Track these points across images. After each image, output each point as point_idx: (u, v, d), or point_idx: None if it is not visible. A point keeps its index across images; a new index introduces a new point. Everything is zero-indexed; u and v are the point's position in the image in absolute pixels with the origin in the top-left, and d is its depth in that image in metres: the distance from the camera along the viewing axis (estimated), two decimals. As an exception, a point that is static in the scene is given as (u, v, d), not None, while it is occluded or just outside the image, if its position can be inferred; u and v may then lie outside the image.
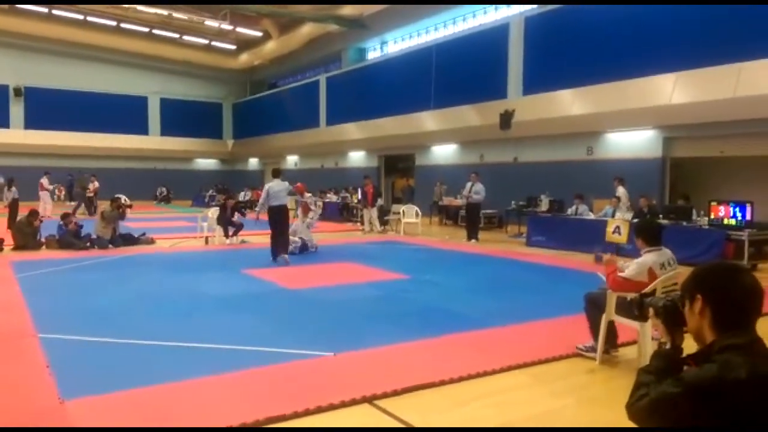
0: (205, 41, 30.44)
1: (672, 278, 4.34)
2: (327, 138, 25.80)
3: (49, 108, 28.81)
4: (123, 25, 28.01)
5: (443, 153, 20.80)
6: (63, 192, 24.18)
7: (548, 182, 15.11)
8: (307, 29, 26.60)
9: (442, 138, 19.96)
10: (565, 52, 15.58)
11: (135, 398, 3.77)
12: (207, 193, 27.61)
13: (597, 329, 4.67)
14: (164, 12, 25.65)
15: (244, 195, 24.75)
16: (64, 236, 11.47)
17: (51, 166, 23.85)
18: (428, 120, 19.88)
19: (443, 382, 4.09)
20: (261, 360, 4.56)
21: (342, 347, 4.84)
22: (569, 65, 15.35)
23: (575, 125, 14.99)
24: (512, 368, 4.45)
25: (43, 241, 11.52)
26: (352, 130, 24.01)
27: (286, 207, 10.49)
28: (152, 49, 30.34)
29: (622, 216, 11.29)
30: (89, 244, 11.48)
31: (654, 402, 1.54)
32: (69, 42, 28.63)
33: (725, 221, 9.76)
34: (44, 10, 26.12)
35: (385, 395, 3.84)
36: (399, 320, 5.97)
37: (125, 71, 31.38)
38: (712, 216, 9.96)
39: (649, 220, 6.96)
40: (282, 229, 10.26)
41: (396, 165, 24.94)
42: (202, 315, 6.20)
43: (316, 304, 6.80)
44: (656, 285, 4.22)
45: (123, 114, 30.88)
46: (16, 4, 25.67)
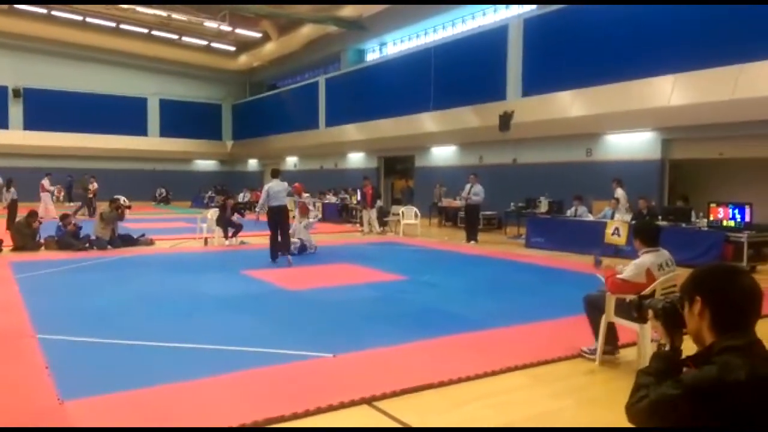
0: (205, 42, 30.48)
1: (671, 280, 4.34)
2: (326, 139, 25.80)
3: (48, 109, 28.80)
4: (122, 27, 28.07)
5: (442, 154, 20.81)
6: (62, 193, 24.18)
7: (547, 184, 15.11)
8: (307, 30, 26.64)
9: (442, 139, 19.97)
10: (564, 54, 15.60)
11: (134, 399, 3.77)
12: (206, 194, 27.56)
13: (599, 331, 4.67)
14: (163, 13, 25.65)
15: (244, 196, 24.70)
16: (63, 237, 11.47)
17: (50, 167, 23.82)
18: (427, 121, 19.89)
19: (442, 383, 4.09)
20: (260, 361, 4.56)
21: (341, 348, 4.84)
22: (568, 67, 15.37)
23: (574, 127, 15.01)
24: (511, 369, 4.45)
25: (42, 242, 11.52)
26: (352, 132, 24.01)
27: (286, 207, 10.51)
28: (151, 50, 30.36)
29: (621, 217, 11.29)
30: (88, 245, 11.47)
31: (653, 403, 1.55)
32: (68, 43, 28.66)
33: (724, 223, 9.74)
34: (43, 11, 26.14)
35: (385, 396, 3.84)
36: (398, 321, 5.97)
37: (124, 72, 31.40)
38: (711, 218, 9.94)
39: (647, 221, 6.99)
40: (283, 230, 10.27)
41: (395, 166, 24.97)
42: (202, 316, 6.20)
43: (316, 305, 6.81)
44: (655, 287, 4.23)
45: (122, 115, 30.89)
46: (16, 5, 25.66)
